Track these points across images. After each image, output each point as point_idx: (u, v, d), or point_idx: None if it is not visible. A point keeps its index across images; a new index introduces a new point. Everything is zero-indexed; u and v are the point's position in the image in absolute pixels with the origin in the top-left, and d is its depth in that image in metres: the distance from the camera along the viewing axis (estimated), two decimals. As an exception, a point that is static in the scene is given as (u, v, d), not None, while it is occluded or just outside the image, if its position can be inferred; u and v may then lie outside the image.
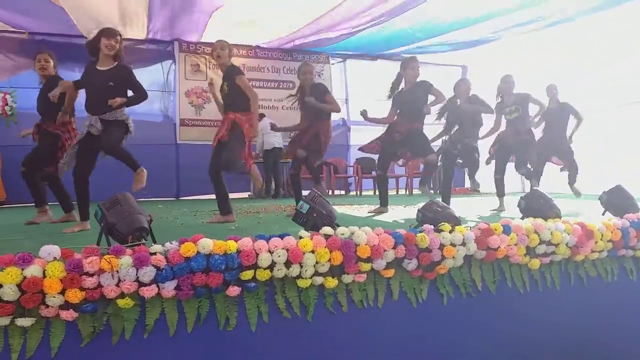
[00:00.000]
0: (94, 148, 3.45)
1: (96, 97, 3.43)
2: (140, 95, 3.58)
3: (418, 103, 4.42)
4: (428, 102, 4.40)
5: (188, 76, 7.57)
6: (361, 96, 8.58)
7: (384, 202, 4.65)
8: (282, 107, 7.88)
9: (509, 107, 5.01)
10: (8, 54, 6.55)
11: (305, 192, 3.41)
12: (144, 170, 3.53)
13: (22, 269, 1.84)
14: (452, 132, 4.99)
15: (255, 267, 2.19)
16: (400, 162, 5.63)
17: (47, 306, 1.87)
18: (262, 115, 7.37)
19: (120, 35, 3.57)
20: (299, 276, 2.28)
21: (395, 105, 4.63)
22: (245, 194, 7.96)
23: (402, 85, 4.63)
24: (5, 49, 6.55)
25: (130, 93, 3.55)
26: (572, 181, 5.58)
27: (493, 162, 5.29)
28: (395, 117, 4.60)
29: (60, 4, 5.84)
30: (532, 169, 5.11)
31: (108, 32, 3.49)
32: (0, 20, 6.18)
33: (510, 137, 5.01)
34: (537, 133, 5.39)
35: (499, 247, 2.69)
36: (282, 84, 8.22)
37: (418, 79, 4.53)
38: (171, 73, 7.50)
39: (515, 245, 2.75)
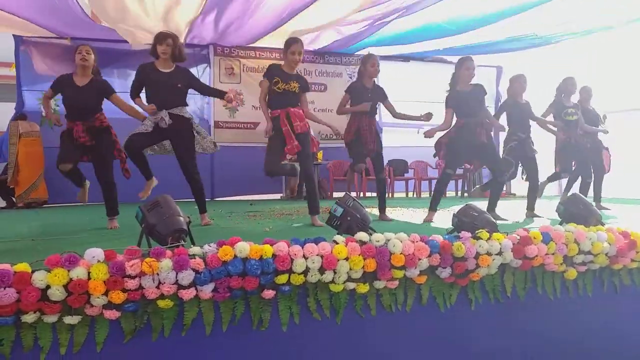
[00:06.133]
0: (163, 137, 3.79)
1: (161, 95, 3.74)
2: (211, 90, 4.21)
3: (478, 104, 4.21)
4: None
5: (222, 79, 7.69)
6: (394, 97, 8.54)
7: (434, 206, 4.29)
8: (314, 110, 7.93)
9: (570, 108, 4.96)
10: (53, 59, 6.80)
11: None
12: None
13: (69, 270, 1.93)
14: (510, 131, 4.72)
15: (289, 271, 2.22)
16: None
17: (92, 306, 1.96)
18: None
19: (173, 37, 3.78)
20: (332, 281, 2.30)
21: (452, 106, 4.25)
22: (278, 195, 8.03)
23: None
24: (50, 56, 6.81)
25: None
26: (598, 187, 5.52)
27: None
28: (456, 118, 4.23)
29: (104, 22, 6.16)
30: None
31: (159, 38, 3.74)
32: (46, 28, 6.44)
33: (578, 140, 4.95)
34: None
35: (536, 256, 2.63)
36: (313, 86, 8.24)
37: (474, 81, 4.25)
38: (206, 76, 7.64)
39: (553, 254, 2.69)
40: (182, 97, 3.86)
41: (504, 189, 8.78)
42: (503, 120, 4.80)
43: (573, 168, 5.34)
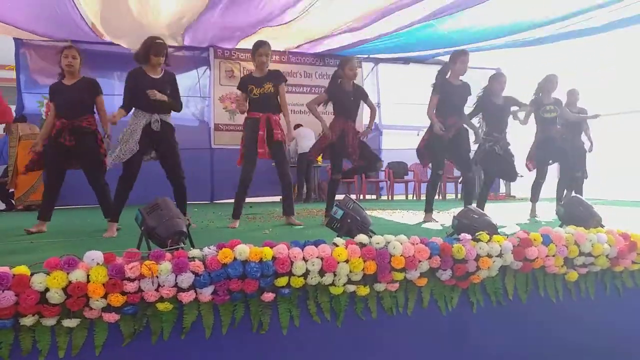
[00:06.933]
0: (151, 144, 3.71)
1: (151, 101, 3.60)
2: (177, 104, 3.83)
3: (460, 102, 4.25)
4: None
5: (222, 82, 7.71)
6: (393, 100, 8.56)
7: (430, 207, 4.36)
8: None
9: (548, 105, 4.92)
10: (53, 62, 6.78)
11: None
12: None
13: (68, 273, 1.92)
14: (486, 131, 4.79)
15: (289, 274, 2.21)
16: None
17: (91, 308, 1.95)
18: (298, 125, 7.46)
19: (167, 47, 3.72)
20: (332, 284, 2.29)
21: (439, 95, 4.23)
22: (277, 198, 8.02)
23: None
24: (51, 58, 6.79)
25: None
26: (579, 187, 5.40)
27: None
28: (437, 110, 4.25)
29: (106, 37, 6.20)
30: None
31: (157, 50, 3.61)
32: (44, 34, 6.46)
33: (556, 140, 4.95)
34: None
35: (537, 257, 2.62)
36: (314, 89, 8.26)
37: (463, 79, 4.27)
38: (206, 79, 7.64)
39: (553, 256, 2.68)
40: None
41: (504, 190, 8.81)
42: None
43: (552, 169, 5.27)
